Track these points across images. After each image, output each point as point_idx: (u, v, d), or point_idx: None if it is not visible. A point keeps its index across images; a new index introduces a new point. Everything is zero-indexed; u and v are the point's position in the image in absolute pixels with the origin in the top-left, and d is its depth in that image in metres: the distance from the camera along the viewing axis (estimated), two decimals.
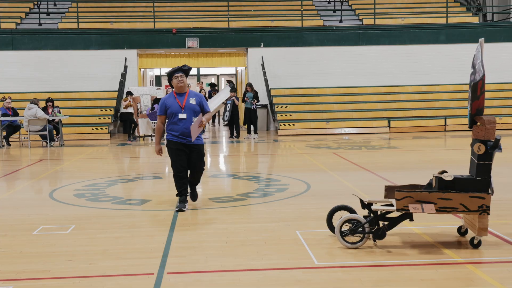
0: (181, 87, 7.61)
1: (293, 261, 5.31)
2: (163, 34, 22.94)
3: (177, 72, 7.62)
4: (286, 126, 20.48)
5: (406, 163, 12.50)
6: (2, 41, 22.32)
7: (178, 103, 7.56)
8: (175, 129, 7.54)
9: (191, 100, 7.62)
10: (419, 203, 5.46)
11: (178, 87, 7.62)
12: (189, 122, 7.48)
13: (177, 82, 7.60)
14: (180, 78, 7.59)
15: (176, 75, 7.61)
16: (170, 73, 7.65)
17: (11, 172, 12.09)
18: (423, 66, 23.06)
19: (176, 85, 7.63)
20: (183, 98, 7.60)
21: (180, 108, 7.54)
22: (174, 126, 7.55)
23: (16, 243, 6.07)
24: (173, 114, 7.56)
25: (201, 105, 7.68)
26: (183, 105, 7.54)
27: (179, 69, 7.64)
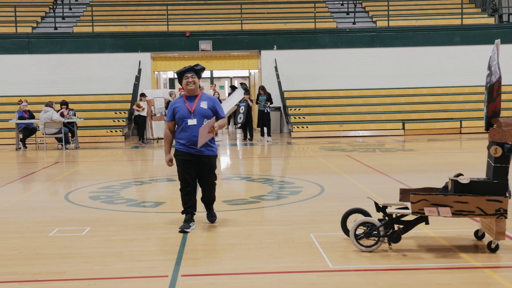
0: (191, 89, 6.62)
1: (307, 264, 5.29)
2: (176, 37, 23.01)
3: (187, 72, 6.63)
4: (299, 128, 20.46)
5: (421, 166, 12.43)
6: (19, 45, 22.51)
7: (187, 107, 6.60)
8: (183, 137, 6.59)
9: (202, 103, 6.62)
10: (434, 206, 5.42)
11: (188, 89, 6.63)
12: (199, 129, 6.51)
13: (186, 83, 6.61)
14: (191, 79, 6.60)
15: (186, 75, 6.61)
16: (180, 72, 6.69)
17: (27, 175, 12.18)
18: (437, 68, 22.93)
19: (185, 86, 6.63)
20: (193, 101, 6.63)
21: (189, 112, 6.58)
22: (183, 134, 6.60)
23: (32, 245, 6.11)
24: (181, 119, 6.59)
25: (214, 110, 6.68)
26: (193, 110, 6.59)
27: (190, 69, 6.66)
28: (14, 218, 7.60)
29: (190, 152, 6.58)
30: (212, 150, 6.70)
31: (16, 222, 7.29)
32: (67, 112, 18.03)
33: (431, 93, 22.70)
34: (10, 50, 22.46)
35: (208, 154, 6.65)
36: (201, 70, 6.73)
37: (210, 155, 6.69)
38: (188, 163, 6.60)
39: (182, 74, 6.66)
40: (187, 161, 6.60)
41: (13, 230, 6.82)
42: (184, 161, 6.60)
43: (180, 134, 6.64)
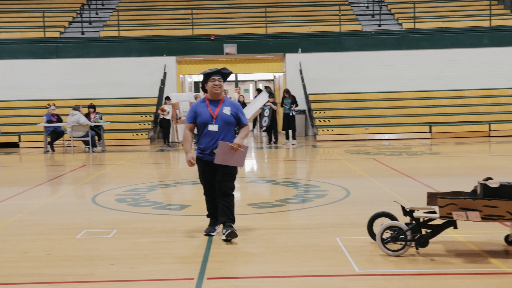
0: (216, 93, 6.35)
1: (333, 268, 5.26)
2: (201, 41, 23.13)
3: (215, 75, 6.35)
4: (324, 131, 20.38)
5: (449, 169, 12.29)
6: (47, 49, 22.83)
7: (209, 111, 6.31)
8: (203, 142, 6.32)
9: (225, 109, 6.34)
10: (463, 210, 5.35)
11: (213, 93, 6.34)
12: (220, 136, 6.26)
13: (212, 86, 6.32)
14: (218, 82, 6.33)
15: (213, 78, 6.33)
16: (206, 74, 6.38)
17: (55, 177, 12.31)
18: (465, 70, 22.69)
19: (211, 89, 6.34)
20: (216, 106, 6.35)
21: (211, 117, 6.29)
22: (202, 139, 6.33)
23: (60, 247, 6.17)
24: (203, 124, 6.31)
25: (237, 117, 6.38)
26: (215, 115, 6.29)
27: (217, 71, 6.38)
28: (42, 220, 7.68)
29: (209, 160, 6.28)
30: None
31: (45, 224, 7.37)
32: (94, 115, 18.21)
33: (459, 95, 22.46)
34: (39, 55, 22.79)
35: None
36: (228, 75, 6.46)
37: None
38: (207, 172, 6.38)
39: (209, 76, 6.36)
40: (205, 170, 6.38)
41: (42, 232, 6.90)
42: (203, 170, 6.40)
43: (200, 139, 6.36)
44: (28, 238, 6.61)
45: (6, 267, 5.45)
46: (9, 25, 24.91)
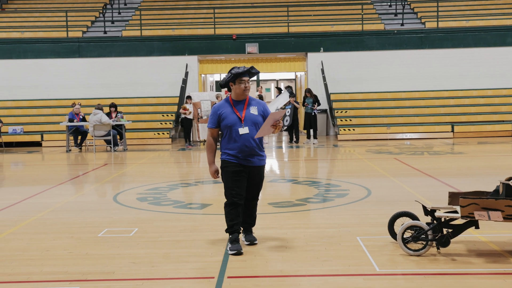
0: (246, 95, 5.96)
1: (354, 268, 5.24)
2: (223, 40, 23.17)
3: (244, 75, 5.90)
4: (346, 131, 20.31)
5: (471, 169, 12.18)
6: (70, 49, 23.05)
7: (236, 113, 5.88)
8: (234, 147, 5.84)
9: (252, 109, 5.92)
10: (485, 210, 5.30)
11: (242, 94, 5.90)
12: (251, 138, 5.85)
13: (243, 88, 5.87)
14: (248, 84, 5.91)
15: (243, 79, 5.87)
16: (236, 74, 5.86)
17: (77, 176, 12.44)
18: (488, 69, 22.45)
19: (240, 90, 5.88)
20: (242, 106, 5.92)
21: (238, 120, 5.85)
22: (232, 144, 5.85)
23: (82, 245, 6.23)
24: (229, 127, 5.85)
25: (264, 116, 5.95)
26: (243, 116, 5.88)
27: (247, 71, 5.91)
28: (64, 218, 7.76)
29: (242, 164, 5.86)
30: (263, 159, 6.03)
31: (67, 223, 7.45)
32: (115, 114, 18.34)
33: (482, 95, 22.23)
34: (62, 54, 23.02)
35: (259, 164, 5.97)
36: (255, 74, 6.03)
37: (262, 165, 6.03)
38: (239, 174, 5.85)
39: (238, 76, 5.87)
40: (238, 173, 5.85)
41: (64, 231, 6.97)
42: (235, 172, 5.84)
43: (228, 144, 5.88)
44: (50, 237, 6.68)
45: (29, 265, 5.52)
46: (33, 25, 25.20)
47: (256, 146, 5.90)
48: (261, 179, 6.04)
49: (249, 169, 5.90)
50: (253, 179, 5.96)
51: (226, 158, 5.91)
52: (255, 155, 5.90)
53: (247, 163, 5.87)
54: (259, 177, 6.00)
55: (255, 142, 5.88)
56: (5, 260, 5.71)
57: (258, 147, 5.93)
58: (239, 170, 5.85)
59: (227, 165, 5.89)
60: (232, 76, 5.89)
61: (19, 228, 7.19)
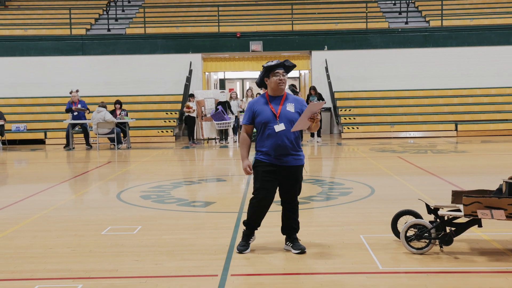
0: (281, 89, 5.62)
1: (357, 266, 5.25)
2: (227, 38, 23.17)
3: (279, 68, 5.61)
4: (349, 129, 20.30)
5: (474, 168, 12.17)
6: (73, 46, 23.08)
7: (271, 109, 5.57)
8: (267, 145, 5.55)
9: (289, 106, 5.59)
10: (488, 209, 5.29)
11: (278, 88, 5.59)
12: (286, 136, 5.54)
13: (278, 81, 5.55)
14: (283, 77, 5.59)
15: (277, 71, 5.57)
16: (270, 67, 5.57)
17: (80, 174, 12.46)
18: (492, 68, 22.41)
19: (275, 84, 5.56)
20: (278, 102, 5.61)
21: (274, 116, 5.54)
22: (266, 141, 5.56)
23: (85, 243, 6.24)
24: (263, 124, 5.56)
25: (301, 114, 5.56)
26: (278, 113, 5.55)
27: (281, 64, 5.63)
28: (68, 216, 7.78)
29: (275, 163, 5.57)
30: (300, 159, 5.68)
31: (70, 221, 7.46)
32: (120, 111, 18.35)
33: (485, 93, 22.20)
34: (65, 52, 23.06)
35: (295, 164, 5.63)
36: (292, 68, 5.71)
37: (298, 165, 5.66)
38: (271, 174, 5.58)
39: (271, 69, 5.59)
40: (270, 172, 5.57)
41: (67, 228, 6.98)
42: (266, 172, 5.58)
43: (262, 142, 5.60)
44: (54, 234, 6.69)
45: (32, 263, 5.53)
46: (36, 22, 25.24)
47: (291, 144, 5.57)
48: (297, 179, 5.67)
49: (283, 169, 5.59)
50: (288, 180, 5.63)
51: (258, 158, 5.65)
52: (289, 154, 5.58)
53: (281, 162, 5.57)
54: (295, 177, 5.64)
55: (290, 140, 5.55)
56: (8, 257, 5.73)
57: (293, 146, 5.59)
58: (271, 170, 5.57)
59: (259, 165, 5.63)
60: (265, 70, 5.63)
61: (22, 225, 7.21)
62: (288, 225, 5.82)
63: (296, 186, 5.69)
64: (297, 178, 5.67)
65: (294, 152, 5.61)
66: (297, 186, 5.72)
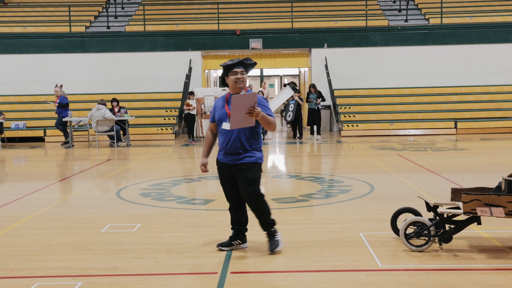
0: (239, 87, 5.53)
1: (357, 263, 5.25)
2: (227, 36, 23.16)
3: (237, 67, 5.55)
4: (349, 127, 20.30)
5: (474, 165, 12.17)
6: (73, 44, 23.06)
7: (225, 107, 5.55)
8: (220, 143, 5.62)
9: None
10: (487, 206, 5.30)
11: (236, 87, 5.52)
12: (237, 134, 5.47)
13: (235, 80, 5.51)
14: (240, 75, 5.53)
15: (235, 70, 5.52)
16: (227, 66, 5.54)
17: (80, 172, 12.46)
18: (492, 66, 22.41)
19: (232, 83, 5.52)
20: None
21: (226, 114, 5.51)
22: (220, 140, 5.62)
23: (85, 240, 6.25)
24: (217, 121, 5.61)
25: None
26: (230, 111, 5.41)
27: (239, 62, 5.57)
28: (67, 214, 7.78)
29: (226, 162, 5.56)
30: (252, 156, 5.52)
31: (70, 218, 7.46)
32: (118, 109, 18.34)
33: (485, 91, 22.21)
34: (65, 49, 23.04)
35: (244, 161, 5.49)
36: (252, 66, 5.68)
37: (247, 162, 5.49)
38: (224, 173, 5.62)
39: (230, 68, 5.54)
40: (223, 172, 5.62)
41: (67, 226, 6.99)
42: (220, 172, 5.65)
43: (218, 139, 5.67)
44: (53, 232, 6.70)
45: (32, 260, 5.54)
46: (35, 20, 25.23)
47: (240, 143, 5.48)
48: (249, 178, 5.46)
49: (232, 169, 5.52)
50: (238, 179, 5.52)
51: (217, 156, 5.68)
52: (238, 153, 5.48)
53: (230, 161, 5.52)
54: (246, 175, 5.46)
55: (240, 139, 5.46)
56: (8, 255, 5.73)
57: (243, 145, 5.48)
58: (224, 170, 5.59)
59: (217, 163, 5.69)
60: (224, 69, 5.58)
61: (22, 223, 7.21)
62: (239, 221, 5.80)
63: (248, 184, 5.48)
64: (247, 177, 5.46)
65: (243, 150, 5.49)
66: (249, 185, 5.48)
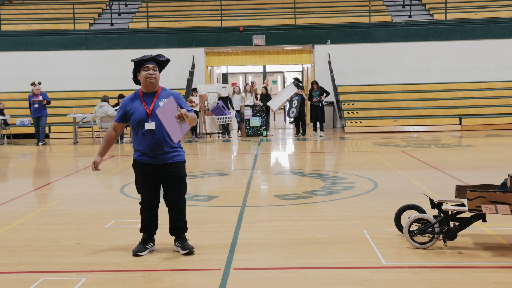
0: (151, 84, 5.36)
1: (360, 260, 5.24)
2: (230, 32, 23.14)
3: (148, 62, 5.38)
4: (353, 123, 20.26)
5: (479, 162, 12.14)
6: (77, 41, 23.07)
7: (144, 107, 5.34)
8: (143, 145, 5.35)
9: (162, 102, 5.34)
10: (492, 203, 5.28)
11: (147, 83, 5.34)
12: (161, 133, 5.33)
13: (147, 75, 5.32)
14: (152, 71, 5.36)
15: (147, 65, 5.35)
16: (138, 62, 5.38)
17: (84, 168, 12.47)
18: (497, 61, 22.31)
19: (144, 79, 5.33)
20: (151, 99, 5.39)
21: (146, 114, 5.32)
22: (141, 140, 5.35)
23: (89, 236, 6.26)
24: (138, 123, 5.32)
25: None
26: (151, 110, 5.32)
27: (151, 58, 5.43)
28: (72, 210, 7.79)
29: (152, 163, 5.40)
30: (180, 154, 5.53)
31: (74, 214, 7.48)
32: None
33: (490, 87, 22.11)
34: (69, 46, 23.04)
35: (175, 160, 5.46)
36: (165, 63, 5.58)
37: (178, 161, 5.48)
38: (149, 175, 5.44)
39: (140, 64, 5.37)
40: (148, 173, 5.44)
41: (71, 222, 7.00)
42: (144, 173, 5.45)
43: (138, 141, 5.39)
44: (58, 228, 6.71)
45: (37, 256, 5.55)
46: (40, 17, 25.24)
47: (165, 142, 5.38)
48: (180, 177, 5.50)
49: (161, 169, 5.43)
50: (169, 178, 5.46)
51: (136, 157, 5.49)
52: (166, 152, 5.40)
53: (159, 161, 5.40)
54: (178, 174, 5.49)
55: (164, 137, 5.35)
56: (13, 250, 5.75)
57: (168, 143, 5.39)
58: (148, 170, 5.43)
59: (137, 165, 5.52)
60: (134, 65, 5.41)
61: (27, 219, 7.23)
62: (175, 225, 5.68)
63: (180, 184, 5.50)
64: (180, 176, 5.48)
65: (170, 149, 5.42)
66: (181, 184, 5.52)
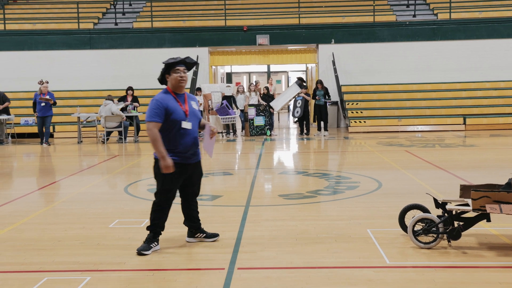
0: (182, 86, 5.61)
1: (364, 260, 5.24)
2: (234, 32, 23.14)
3: (180, 65, 5.59)
4: (357, 123, 20.25)
5: (483, 162, 12.12)
6: (81, 40, 23.11)
7: (180, 107, 5.57)
8: (179, 143, 5.54)
9: (193, 104, 5.71)
10: (497, 203, 5.27)
11: (179, 86, 5.58)
12: (194, 134, 5.64)
13: (178, 78, 5.55)
14: (184, 74, 5.60)
15: (178, 68, 5.56)
16: (170, 64, 5.54)
17: (88, 167, 12.49)
18: (501, 61, 22.28)
19: (176, 81, 5.55)
20: (183, 99, 5.65)
21: (184, 113, 5.56)
22: (178, 139, 5.53)
23: (93, 236, 6.27)
24: (177, 122, 5.51)
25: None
26: (187, 110, 5.60)
27: (182, 61, 5.61)
28: (76, 209, 7.81)
29: (186, 162, 5.61)
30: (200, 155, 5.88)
31: (78, 213, 7.49)
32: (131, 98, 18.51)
33: (494, 87, 22.07)
34: (73, 46, 23.09)
35: (200, 159, 5.83)
36: (193, 65, 5.71)
37: (200, 160, 5.85)
38: (182, 175, 5.63)
39: (172, 66, 5.57)
40: (181, 174, 5.61)
41: (75, 221, 7.01)
42: (176, 172, 5.53)
43: (176, 141, 5.53)
44: (62, 227, 6.72)
45: (41, 255, 5.56)
46: (44, 17, 25.29)
47: (197, 140, 5.75)
48: (202, 173, 5.94)
49: (192, 166, 5.72)
50: (197, 175, 5.84)
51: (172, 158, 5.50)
52: (196, 151, 5.75)
53: (191, 160, 5.67)
54: (201, 171, 5.91)
55: (196, 137, 5.69)
56: (18, 249, 5.76)
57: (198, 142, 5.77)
58: (182, 170, 5.59)
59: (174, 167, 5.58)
60: (165, 67, 5.57)
61: (31, 218, 7.24)
62: (196, 217, 5.98)
63: (200, 179, 5.94)
64: (202, 172, 5.94)
65: (198, 148, 5.78)
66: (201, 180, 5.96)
